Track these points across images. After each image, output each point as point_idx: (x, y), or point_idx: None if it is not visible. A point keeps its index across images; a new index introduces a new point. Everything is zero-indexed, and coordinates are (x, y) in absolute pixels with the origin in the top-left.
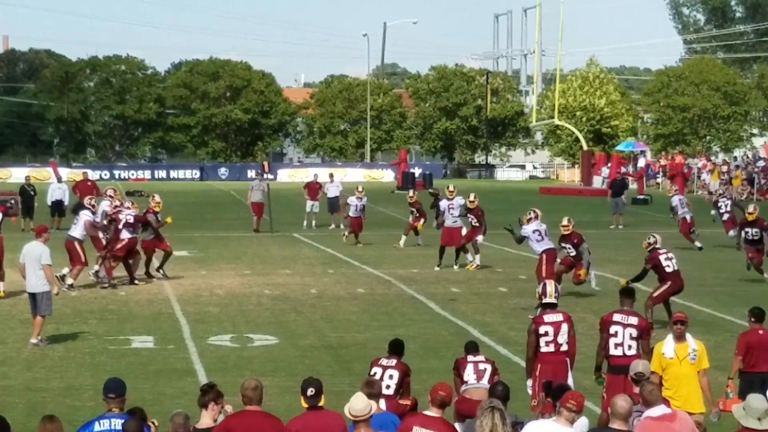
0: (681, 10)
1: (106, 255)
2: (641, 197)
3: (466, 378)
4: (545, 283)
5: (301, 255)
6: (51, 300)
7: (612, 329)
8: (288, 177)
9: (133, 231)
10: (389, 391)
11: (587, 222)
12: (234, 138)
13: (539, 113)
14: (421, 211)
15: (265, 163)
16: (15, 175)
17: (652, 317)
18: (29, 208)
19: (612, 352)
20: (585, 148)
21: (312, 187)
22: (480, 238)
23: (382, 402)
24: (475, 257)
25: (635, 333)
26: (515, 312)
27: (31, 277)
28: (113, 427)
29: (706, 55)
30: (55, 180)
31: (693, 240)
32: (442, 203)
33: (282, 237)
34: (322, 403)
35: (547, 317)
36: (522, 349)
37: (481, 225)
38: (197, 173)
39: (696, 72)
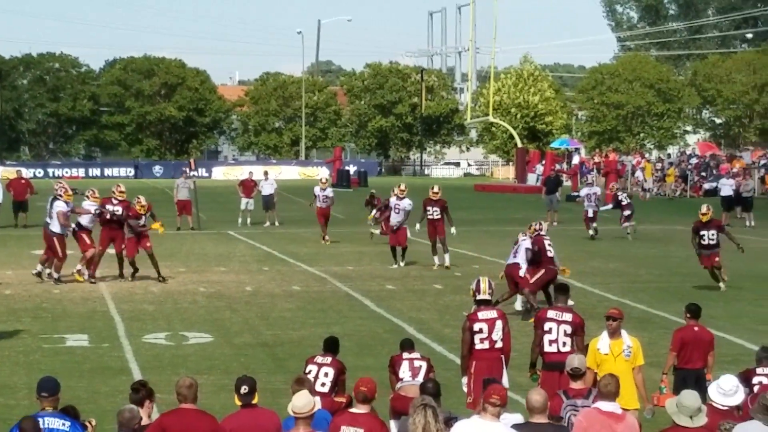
0: (614, 7)
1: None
2: (575, 194)
3: (401, 375)
4: (479, 280)
5: (236, 252)
6: None
7: (546, 326)
8: (223, 175)
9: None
10: (324, 389)
11: (521, 219)
12: (168, 136)
13: (474, 111)
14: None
15: (191, 161)
16: None
17: (536, 303)
18: None
19: (546, 348)
20: (519, 145)
21: (247, 185)
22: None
23: (317, 400)
24: (444, 256)
25: (569, 329)
26: (450, 309)
27: None
28: (47, 426)
29: (639, 53)
30: None
31: (588, 228)
32: (391, 201)
33: (217, 234)
34: (256, 401)
35: (482, 314)
36: (457, 346)
37: (443, 217)
38: (132, 171)
39: (629, 69)
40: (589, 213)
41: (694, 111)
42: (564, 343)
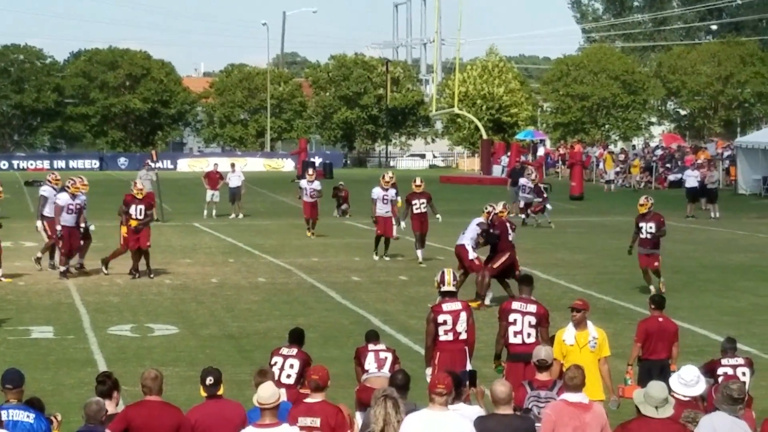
0: None
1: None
2: (542, 185)
3: (367, 367)
4: (443, 272)
5: (202, 244)
6: None
7: (511, 317)
8: (188, 167)
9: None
10: (290, 381)
11: None
12: (133, 127)
13: (439, 102)
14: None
15: (154, 152)
16: None
17: (488, 287)
18: None
19: (511, 340)
20: (485, 137)
21: (212, 177)
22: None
23: (282, 391)
24: (418, 252)
25: (534, 321)
26: (415, 300)
27: None
28: (11, 418)
29: (604, 44)
30: None
31: (519, 214)
32: (375, 191)
33: (182, 226)
34: (221, 393)
35: (446, 306)
36: (422, 338)
37: (428, 210)
38: (96, 163)
39: (594, 61)
40: (521, 204)
41: (659, 102)
42: (529, 335)
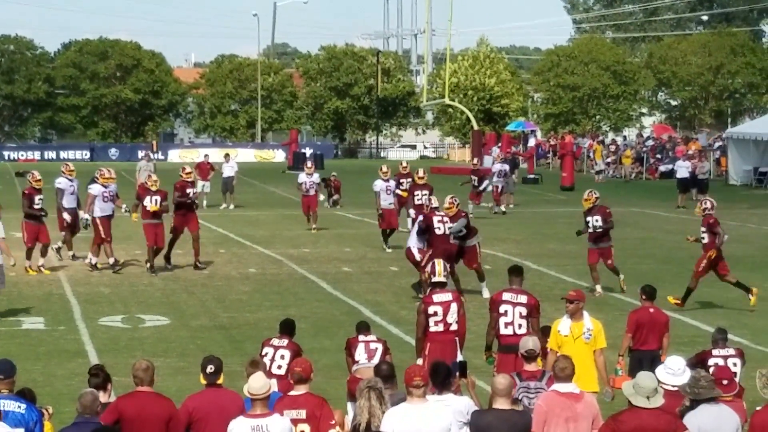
0: None
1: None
2: (531, 176)
3: (357, 358)
4: (434, 263)
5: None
6: (4, 274)
7: (502, 308)
8: (179, 157)
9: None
10: (281, 372)
11: None
12: (124, 118)
13: (430, 93)
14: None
15: (154, 143)
16: None
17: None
18: None
19: (502, 331)
20: (476, 127)
21: (203, 168)
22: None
23: (273, 382)
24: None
25: (525, 311)
26: (406, 291)
27: None
28: (2, 408)
29: (595, 35)
30: None
31: (499, 204)
32: (377, 184)
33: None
34: (221, 382)
35: (437, 297)
36: (413, 329)
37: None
38: (87, 154)
39: (585, 51)
40: (498, 188)
41: (649, 93)
42: (520, 325)
